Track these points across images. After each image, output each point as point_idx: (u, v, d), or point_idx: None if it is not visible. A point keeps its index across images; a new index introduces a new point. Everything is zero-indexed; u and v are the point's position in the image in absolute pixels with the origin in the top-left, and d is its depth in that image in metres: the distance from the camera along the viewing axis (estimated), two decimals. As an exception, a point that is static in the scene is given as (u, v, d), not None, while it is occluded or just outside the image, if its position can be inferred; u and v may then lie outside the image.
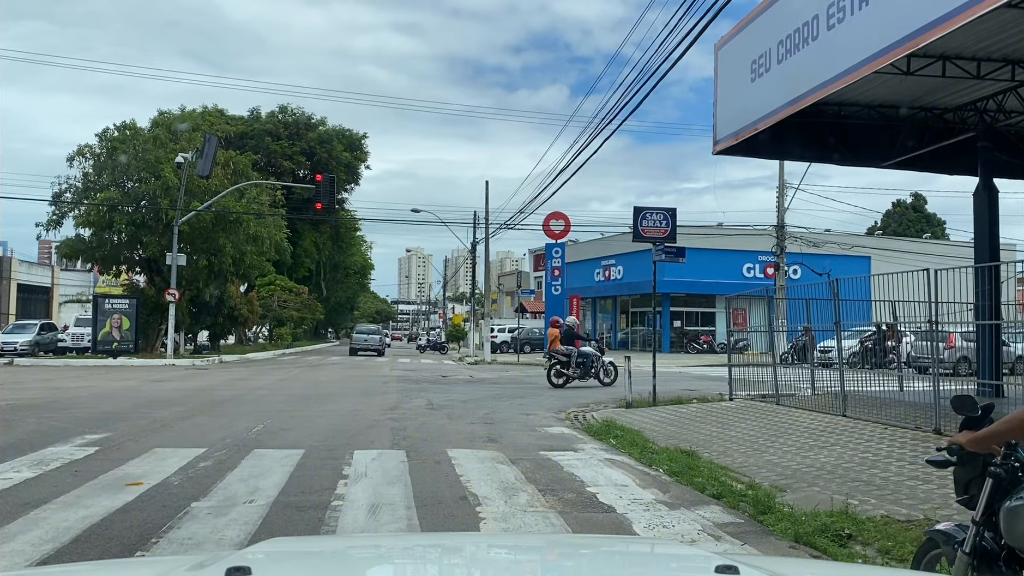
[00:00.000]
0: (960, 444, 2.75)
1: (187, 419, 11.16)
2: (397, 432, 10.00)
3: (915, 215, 67.24)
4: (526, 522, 5.52)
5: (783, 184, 28.52)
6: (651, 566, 2.20)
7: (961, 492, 2.91)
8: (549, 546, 2.71)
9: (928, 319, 9.45)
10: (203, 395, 15.04)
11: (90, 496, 6.09)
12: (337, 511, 5.72)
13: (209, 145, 27.37)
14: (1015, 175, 15.20)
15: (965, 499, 2.86)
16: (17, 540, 4.85)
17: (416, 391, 16.73)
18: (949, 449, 2.88)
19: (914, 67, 10.59)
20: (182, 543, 4.86)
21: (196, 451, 8.16)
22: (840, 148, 13.58)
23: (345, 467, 7.39)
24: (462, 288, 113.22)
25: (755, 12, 11.64)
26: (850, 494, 6.03)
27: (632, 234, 14.38)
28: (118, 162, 28.97)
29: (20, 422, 10.36)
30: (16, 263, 47.45)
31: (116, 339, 28.20)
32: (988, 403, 2.97)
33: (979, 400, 3.01)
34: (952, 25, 7.52)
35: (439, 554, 2.26)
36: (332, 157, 51.23)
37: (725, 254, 39.81)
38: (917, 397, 10.26)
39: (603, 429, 10.26)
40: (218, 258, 30.16)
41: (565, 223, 33.20)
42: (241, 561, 1.67)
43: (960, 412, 2.93)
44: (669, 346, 41.20)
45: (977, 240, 13.19)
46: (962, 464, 2.85)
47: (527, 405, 13.92)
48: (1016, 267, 12.75)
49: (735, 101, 12.38)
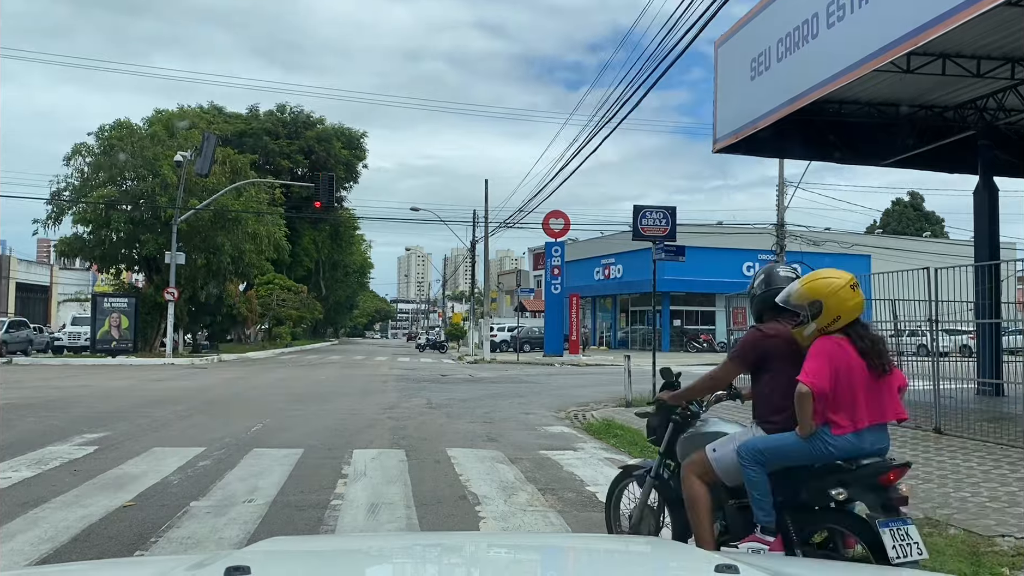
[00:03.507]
0: (663, 399, 3.96)
1: (186, 418, 11.15)
2: (396, 431, 9.99)
3: (914, 214, 67.29)
4: (526, 521, 5.51)
5: (783, 183, 28.54)
6: (651, 565, 2.19)
7: (651, 434, 4.16)
8: (549, 546, 2.70)
9: (928, 318, 9.44)
10: (202, 394, 15.03)
11: (89, 495, 6.08)
12: (336, 510, 5.71)
13: (208, 143, 27.34)
14: (1015, 174, 15.20)
15: (654, 439, 4.11)
16: (16, 539, 4.84)
17: (415, 390, 16.72)
18: (656, 403, 4.07)
19: (914, 65, 10.58)
20: (181, 542, 4.85)
21: (195, 450, 8.15)
22: (840, 146, 13.59)
23: (344, 466, 7.38)
24: (461, 287, 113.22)
25: (755, 10, 11.63)
26: (850, 493, 6.02)
27: (632, 233, 14.36)
28: (115, 160, 28.92)
29: (19, 421, 10.35)
30: (15, 262, 47.42)
31: (115, 338, 28.17)
32: (679, 373, 4.18)
33: (675, 370, 4.19)
34: (952, 23, 7.52)
35: (439, 553, 2.25)
36: (331, 155, 51.17)
37: (725, 253, 39.81)
38: (917, 396, 10.25)
39: (603, 428, 10.26)
40: (217, 257, 30.13)
41: (565, 222, 33.17)
42: (240, 560, 1.66)
43: (664, 378, 4.12)
44: (669, 345, 41.21)
45: (977, 239, 13.20)
46: (658, 414, 4.03)
47: (527, 404, 13.92)
48: (1016, 266, 12.73)
49: (735, 99, 12.37)
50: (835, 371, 3.14)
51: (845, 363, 3.17)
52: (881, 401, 3.23)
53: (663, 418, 3.97)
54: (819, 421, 3.16)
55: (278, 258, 37.95)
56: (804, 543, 3.27)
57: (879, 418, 3.22)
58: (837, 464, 3.19)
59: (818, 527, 3.32)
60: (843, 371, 3.16)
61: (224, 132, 39.05)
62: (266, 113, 52.22)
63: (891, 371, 3.29)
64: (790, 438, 3.22)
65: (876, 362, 3.22)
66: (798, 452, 3.21)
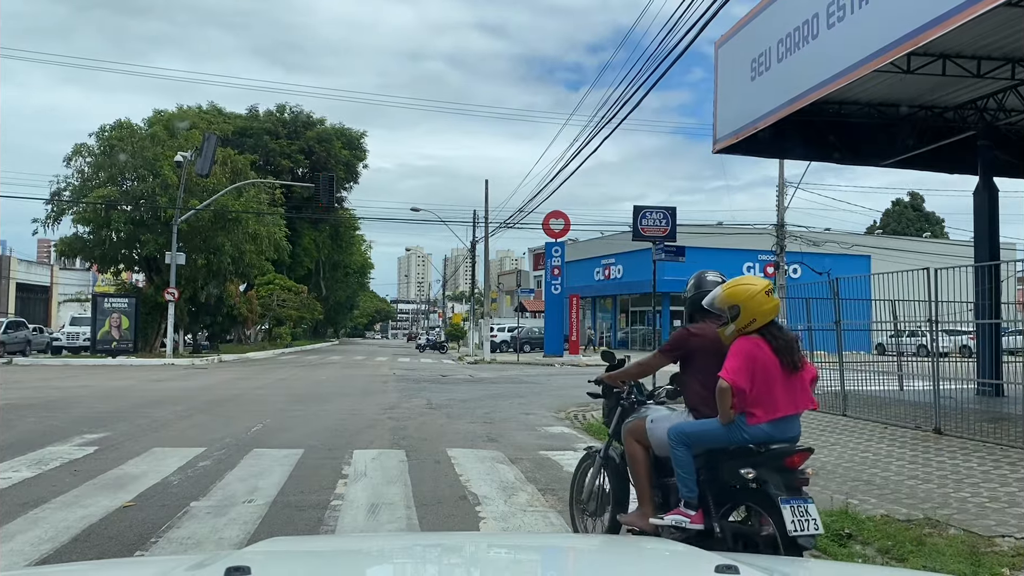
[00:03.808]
0: (603, 379, 4.52)
1: (186, 418, 11.16)
2: (397, 431, 9.99)
3: (914, 214, 67.28)
4: (526, 522, 5.51)
5: (783, 183, 28.54)
6: (651, 565, 2.19)
7: (605, 416, 4.69)
8: (549, 546, 2.71)
9: (928, 318, 9.45)
10: (202, 394, 15.04)
11: (89, 496, 6.08)
12: (336, 511, 5.71)
13: (208, 144, 27.34)
14: (1015, 174, 15.19)
15: (607, 421, 4.62)
16: (16, 540, 4.84)
17: (415, 390, 16.72)
18: (596, 381, 4.62)
19: (914, 66, 10.58)
20: (181, 543, 4.85)
21: (195, 451, 8.15)
22: (840, 147, 13.58)
23: (345, 466, 7.38)
24: (462, 287, 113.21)
25: (755, 11, 11.62)
26: (850, 494, 6.02)
27: (632, 233, 14.36)
28: (116, 160, 28.92)
29: (19, 421, 10.35)
30: (15, 262, 47.39)
31: (115, 338, 28.16)
32: (623, 358, 4.57)
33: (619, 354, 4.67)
34: (952, 24, 7.51)
35: (439, 554, 2.25)
36: (331, 156, 51.14)
37: (725, 253, 39.70)
38: (917, 396, 10.26)
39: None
40: (217, 257, 30.11)
41: (565, 222, 33.18)
42: (240, 561, 1.66)
43: (606, 360, 4.55)
44: (669, 345, 41.14)
45: (977, 239, 13.19)
46: (605, 396, 4.60)
47: (527, 404, 13.91)
48: (1016, 266, 12.72)
49: (735, 99, 12.36)
50: (752, 368, 3.52)
51: (762, 361, 3.55)
52: (794, 394, 3.62)
53: (613, 404, 4.51)
54: (737, 410, 3.55)
55: (278, 258, 37.92)
56: (723, 518, 3.66)
57: (792, 409, 3.62)
58: (749, 448, 3.57)
59: (735, 504, 3.70)
60: (759, 368, 3.54)
61: (224, 132, 39.02)
62: (266, 113, 52.21)
63: (803, 367, 3.68)
64: (712, 424, 3.66)
65: (789, 359, 3.59)
66: (717, 437, 3.64)
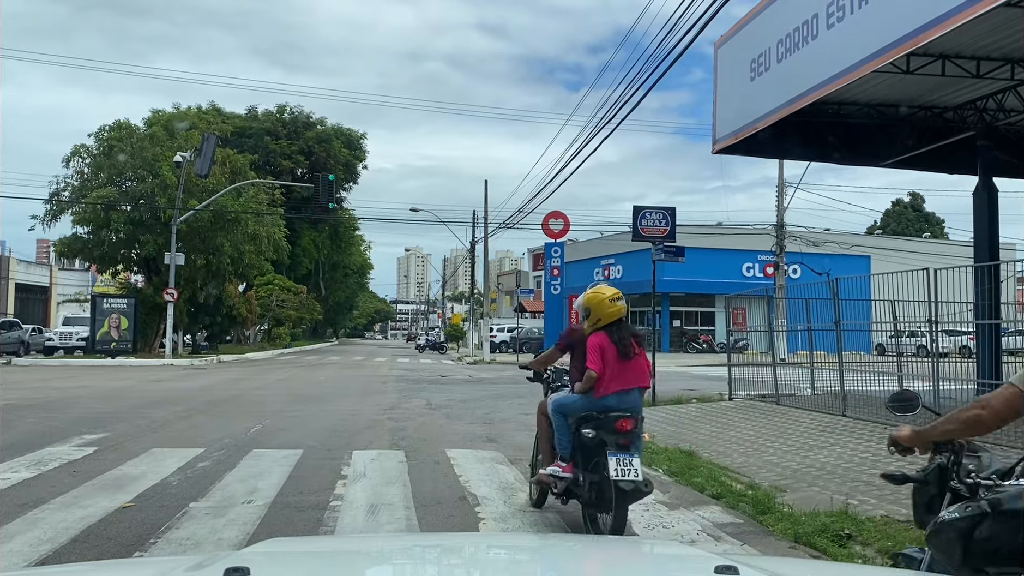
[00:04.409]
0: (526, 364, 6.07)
1: (185, 419, 11.15)
2: (396, 432, 9.99)
3: (914, 214, 67.29)
4: (525, 522, 5.51)
5: (783, 183, 28.55)
6: (651, 566, 2.19)
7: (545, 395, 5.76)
8: (548, 546, 2.70)
9: (928, 319, 9.44)
10: (201, 395, 15.03)
11: (88, 496, 6.07)
12: (336, 511, 5.70)
13: (208, 144, 27.34)
14: (1015, 174, 15.18)
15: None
16: (15, 540, 4.84)
17: (415, 391, 16.72)
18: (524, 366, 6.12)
19: (914, 66, 10.57)
20: (180, 543, 4.84)
21: (194, 451, 8.14)
22: (840, 147, 13.56)
23: (344, 467, 7.37)
24: (461, 287, 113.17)
25: (755, 11, 11.62)
26: (850, 494, 6.02)
27: (632, 233, 14.35)
28: (115, 161, 28.91)
29: (18, 422, 10.34)
30: (14, 262, 47.36)
31: (114, 339, 28.16)
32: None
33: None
34: (951, 24, 7.51)
35: (438, 554, 2.24)
36: (331, 156, 51.12)
37: (725, 253, 39.79)
38: (917, 397, 10.23)
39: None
40: (216, 257, 30.11)
41: (564, 222, 33.12)
42: (239, 561, 1.65)
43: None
44: (669, 346, 41.17)
45: (977, 239, 13.17)
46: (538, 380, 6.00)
47: (526, 405, 13.87)
48: (1016, 267, 12.70)
49: (735, 100, 12.36)
50: (602, 357, 4.92)
51: (606, 350, 4.94)
52: (627, 375, 5.00)
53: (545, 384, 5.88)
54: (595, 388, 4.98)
55: (278, 259, 37.93)
56: (586, 469, 4.94)
57: (625, 385, 4.98)
58: (594, 415, 4.90)
59: (592, 458, 4.92)
60: (606, 356, 4.93)
61: (224, 132, 39.04)
62: (266, 113, 52.20)
63: (638, 355, 5.10)
64: (573, 397, 5.12)
65: (623, 350, 4.97)
66: (577, 407, 5.04)
